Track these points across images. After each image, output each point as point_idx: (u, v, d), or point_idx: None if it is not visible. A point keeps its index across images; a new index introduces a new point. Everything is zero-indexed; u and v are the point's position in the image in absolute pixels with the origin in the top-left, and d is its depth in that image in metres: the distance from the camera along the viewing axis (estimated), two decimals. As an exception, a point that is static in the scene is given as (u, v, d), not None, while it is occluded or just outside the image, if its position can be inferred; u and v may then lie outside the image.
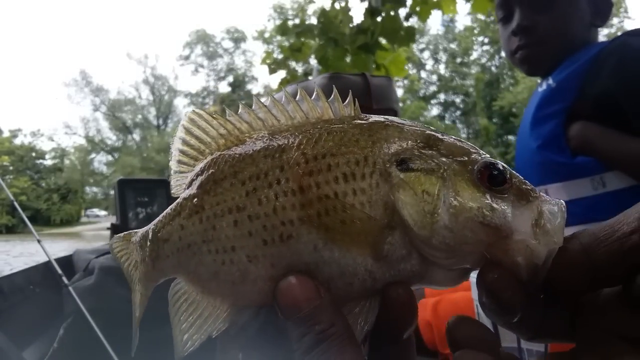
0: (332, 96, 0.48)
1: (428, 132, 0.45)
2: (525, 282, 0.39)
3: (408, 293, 0.42)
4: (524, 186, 0.42)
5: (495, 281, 0.39)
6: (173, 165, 0.51)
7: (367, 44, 3.81)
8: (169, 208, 0.50)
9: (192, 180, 0.49)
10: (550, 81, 1.55)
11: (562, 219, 0.40)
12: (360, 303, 0.43)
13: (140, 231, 0.52)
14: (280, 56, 4.44)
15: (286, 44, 4.45)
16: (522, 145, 1.67)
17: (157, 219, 0.51)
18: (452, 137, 0.45)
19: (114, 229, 3.11)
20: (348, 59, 3.98)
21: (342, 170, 0.43)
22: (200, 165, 0.49)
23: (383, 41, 3.91)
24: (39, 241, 2.28)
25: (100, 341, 1.81)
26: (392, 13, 3.84)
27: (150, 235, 0.50)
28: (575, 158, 1.45)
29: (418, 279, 0.43)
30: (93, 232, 34.10)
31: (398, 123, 0.45)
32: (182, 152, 0.51)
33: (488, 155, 0.43)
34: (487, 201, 0.40)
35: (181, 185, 0.50)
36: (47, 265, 2.29)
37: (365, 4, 3.90)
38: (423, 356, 1.72)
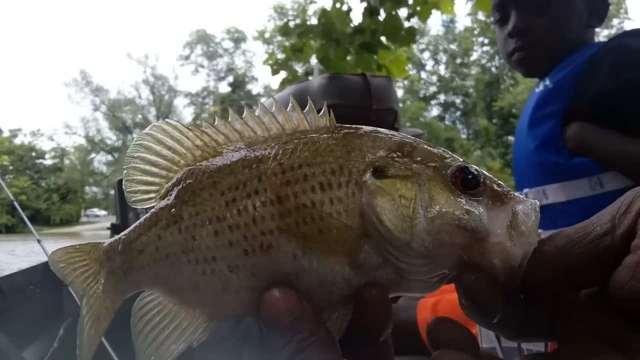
0: (307, 107, 0.49)
1: (401, 139, 0.46)
2: (502, 284, 0.40)
3: (382, 294, 0.43)
4: (497, 188, 0.43)
5: (473, 283, 0.40)
6: (134, 173, 0.50)
7: (370, 43, 3.81)
8: (142, 219, 0.49)
9: (169, 191, 0.48)
10: (548, 82, 1.55)
11: (536, 219, 0.41)
12: (338, 309, 0.44)
13: (106, 242, 0.51)
14: (282, 56, 4.44)
15: (287, 44, 4.45)
16: (519, 146, 1.67)
17: (127, 230, 0.50)
18: (424, 143, 0.46)
19: (114, 229, 3.11)
20: (350, 59, 3.98)
21: (319, 180, 0.43)
22: (177, 176, 0.49)
23: (385, 41, 3.91)
24: (39, 241, 2.28)
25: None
26: (392, 13, 3.84)
27: (120, 247, 0.49)
28: (572, 159, 1.45)
29: (394, 286, 0.44)
30: (93, 232, 34.09)
31: (371, 132, 0.46)
32: (150, 162, 0.50)
33: (461, 160, 0.44)
34: (462, 204, 0.41)
35: (145, 196, 0.50)
36: (47, 265, 2.29)
37: (365, 4, 3.90)
38: (423, 356, 1.71)
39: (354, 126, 0.48)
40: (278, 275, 0.43)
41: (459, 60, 45.93)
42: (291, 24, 4.32)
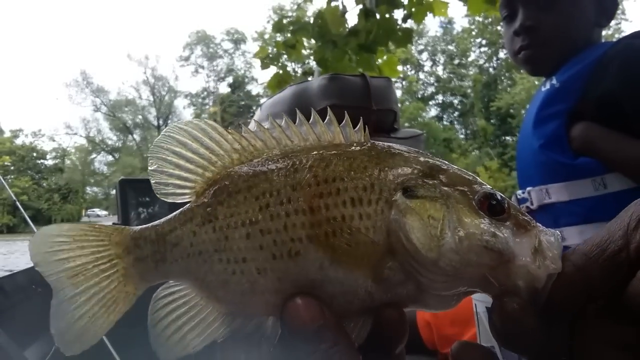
0: (344, 121, 0.50)
1: (431, 161, 0.47)
2: None
3: (400, 314, 0.45)
4: (522, 216, 0.44)
5: (516, 311, 0.41)
6: (166, 166, 0.51)
7: (367, 44, 3.82)
8: (177, 213, 0.50)
9: (205, 190, 0.50)
10: (554, 81, 1.55)
11: (560, 247, 0.42)
12: (356, 319, 0.46)
13: (134, 228, 0.51)
14: (274, 51, 4.42)
15: (279, 39, 4.44)
16: (524, 145, 1.66)
17: (160, 221, 0.51)
18: (454, 167, 0.47)
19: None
20: (348, 59, 3.98)
21: (350, 195, 0.45)
22: (214, 176, 0.50)
23: (379, 42, 3.91)
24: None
25: (101, 340, 1.82)
26: (387, 15, 3.85)
27: (153, 236, 0.50)
28: (577, 159, 1.45)
29: (412, 302, 0.45)
30: (93, 233, 33.85)
31: (404, 152, 0.48)
32: (185, 158, 0.51)
33: (488, 186, 0.46)
34: (489, 228, 0.43)
35: (179, 190, 0.51)
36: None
37: (360, 6, 3.90)
38: (422, 356, 1.72)
39: (387, 144, 0.49)
40: (303, 281, 0.45)
41: (456, 61, 45.93)
42: (285, 20, 4.31)
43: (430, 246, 0.42)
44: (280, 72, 4.34)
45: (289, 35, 4.23)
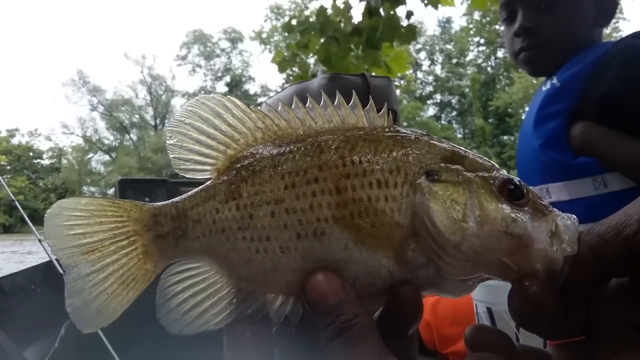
0: (369, 105, 0.50)
1: (454, 148, 0.48)
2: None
3: (416, 293, 0.45)
4: (539, 201, 0.45)
5: (537, 294, 0.42)
6: (186, 140, 0.50)
7: (370, 41, 3.81)
8: (198, 189, 0.50)
9: (228, 167, 0.49)
10: (555, 80, 1.55)
11: (576, 231, 0.43)
12: (376, 299, 0.46)
13: (155, 204, 0.50)
14: (288, 54, 4.42)
15: (291, 41, 4.44)
16: (524, 143, 1.67)
17: (180, 198, 0.50)
18: (474, 154, 0.48)
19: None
20: (353, 57, 3.98)
21: (377, 177, 0.45)
22: (237, 154, 0.50)
23: (383, 40, 3.91)
24: (40, 241, 2.28)
25: (101, 340, 1.82)
26: (391, 12, 3.84)
27: (174, 212, 0.49)
28: (577, 158, 1.45)
29: (431, 285, 0.46)
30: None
31: (427, 138, 0.49)
32: (207, 134, 0.50)
33: (505, 172, 0.47)
34: (509, 213, 0.44)
35: (199, 166, 0.50)
36: (48, 264, 2.29)
37: (364, 4, 3.90)
38: (422, 356, 1.72)
39: (409, 129, 0.50)
40: (327, 260, 0.45)
41: (455, 60, 46.00)
42: (293, 21, 4.31)
43: (454, 229, 0.43)
44: (301, 72, 4.33)
45: (298, 35, 4.22)
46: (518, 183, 0.45)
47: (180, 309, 0.47)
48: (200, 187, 0.50)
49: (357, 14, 4.05)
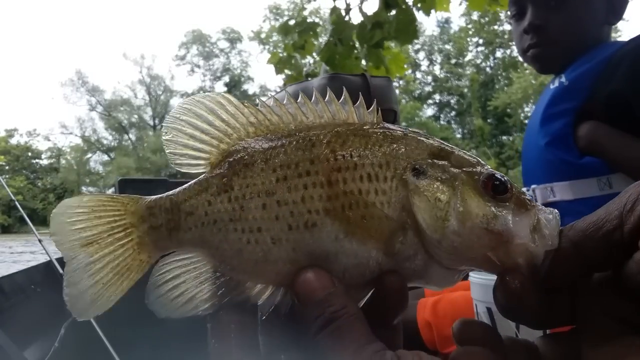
0: (358, 102, 0.52)
1: (441, 144, 0.50)
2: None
3: (401, 283, 0.47)
4: (522, 196, 0.46)
5: (518, 288, 0.43)
6: (180, 136, 0.52)
7: (384, 38, 3.80)
8: (192, 183, 0.51)
9: (220, 161, 0.51)
10: (563, 79, 1.54)
11: (557, 225, 0.44)
12: (363, 289, 0.48)
13: (150, 198, 0.52)
14: (284, 55, 4.42)
15: (287, 42, 4.43)
16: (529, 142, 1.66)
17: (175, 191, 0.51)
18: (460, 150, 0.50)
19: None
20: (357, 55, 3.97)
21: (367, 171, 0.47)
22: (229, 148, 0.51)
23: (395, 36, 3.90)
24: (40, 241, 2.28)
25: (101, 340, 1.82)
26: (403, 7, 3.81)
27: (168, 204, 0.51)
28: (582, 158, 1.45)
29: (417, 277, 0.48)
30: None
31: (415, 134, 0.50)
32: (201, 129, 0.51)
33: (490, 167, 0.48)
34: (491, 209, 0.45)
35: (193, 161, 0.52)
36: (48, 264, 2.29)
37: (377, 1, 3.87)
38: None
39: (398, 126, 0.51)
40: (317, 252, 0.47)
41: (453, 61, 45.98)
42: (291, 22, 4.30)
43: (435, 227, 0.45)
44: (295, 74, 4.34)
45: (295, 36, 4.22)
46: (502, 178, 0.46)
47: (169, 295, 0.49)
48: (194, 180, 0.51)
49: (368, 10, 4.01)
